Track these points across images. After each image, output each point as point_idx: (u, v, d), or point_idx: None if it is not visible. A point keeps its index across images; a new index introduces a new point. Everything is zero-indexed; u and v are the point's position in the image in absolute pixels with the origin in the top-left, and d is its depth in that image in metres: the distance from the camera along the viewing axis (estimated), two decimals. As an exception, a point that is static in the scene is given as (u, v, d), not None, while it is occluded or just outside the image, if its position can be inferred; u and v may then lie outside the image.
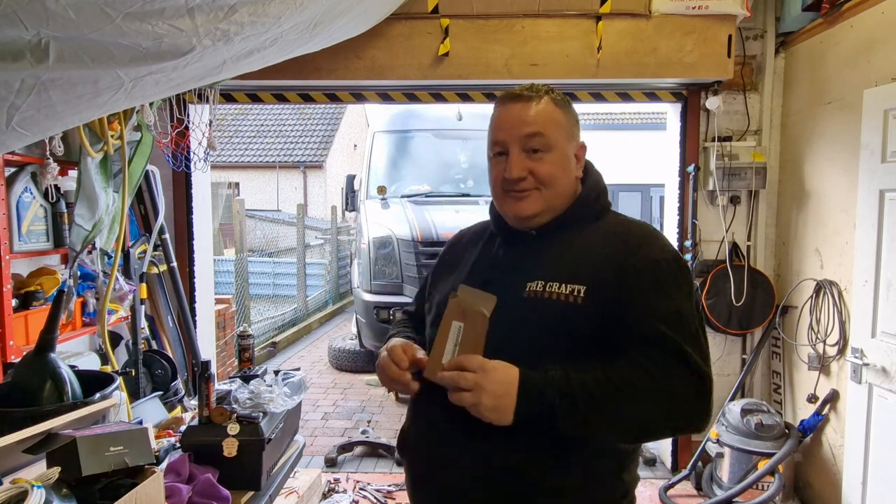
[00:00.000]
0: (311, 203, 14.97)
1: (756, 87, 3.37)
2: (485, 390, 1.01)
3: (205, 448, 1.75)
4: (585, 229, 1.20)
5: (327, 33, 2.34)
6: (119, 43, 1.26)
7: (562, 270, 1.14)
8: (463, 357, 1.05)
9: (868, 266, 2.46)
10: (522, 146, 1.16)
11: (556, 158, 1.17)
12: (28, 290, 2.26)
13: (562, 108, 1.20)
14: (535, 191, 1.17)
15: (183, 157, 3.21)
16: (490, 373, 1.03)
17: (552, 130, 1.17)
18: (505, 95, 1.22)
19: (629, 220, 1.25)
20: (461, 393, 1.02)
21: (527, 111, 1.17)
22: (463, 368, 1.03)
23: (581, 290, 1.10)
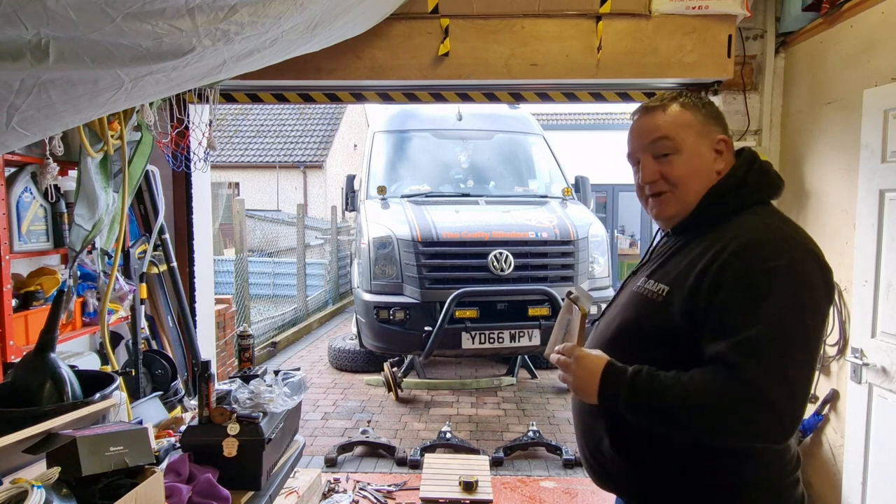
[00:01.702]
0: (311, 203, 14.98)
1: (756, 87, 3.37)
2: (574, 374, 1.20)
3: (205, 448, 1.75)
4: (711, 228, 1.20)
5: (327, 33, 2.34)
6: (119, 43, 1.26)
7: (660, 270, 1.25)
8: (565, 345, 1.25)
9: (868, 266, 2.45)
10: (652, 152, 1.25)
11: (687, 159, 1.22)
12: (28, 290, 2.26)
13: (691, 109, 1.25)
14: (669, 193, 1.24)
15: (183, 157, 3.21)
16: (580, 360, 1.20)
17: (678, 132, 1.22)
18: (637, 110, 1.31)
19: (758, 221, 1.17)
20: (559, 372, 1.25)
21: (652, 120, 1.25)
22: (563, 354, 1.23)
23: (664, 290, 1.19)
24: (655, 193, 1.26)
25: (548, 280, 4.92)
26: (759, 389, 1.00)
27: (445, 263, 4.88)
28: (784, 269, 1.06)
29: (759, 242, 1.10)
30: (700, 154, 1.23)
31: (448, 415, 4.80)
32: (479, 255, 4.85)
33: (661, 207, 1.27)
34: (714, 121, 1.26)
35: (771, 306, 1.04)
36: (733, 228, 1.16)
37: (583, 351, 1.21)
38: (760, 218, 1.18)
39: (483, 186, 5.97)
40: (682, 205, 1.24)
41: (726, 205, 1.22)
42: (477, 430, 4.48)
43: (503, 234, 4.94)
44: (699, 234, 1.22)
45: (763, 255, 1.08)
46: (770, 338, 1.02)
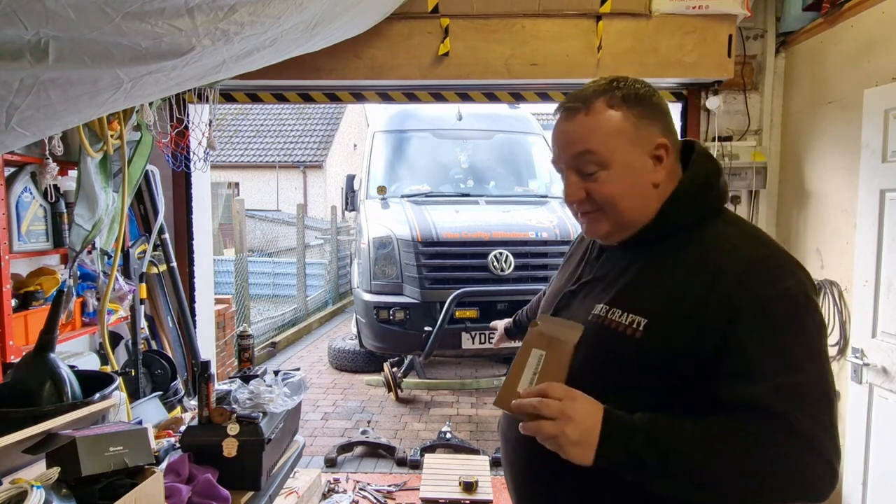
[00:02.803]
0: (311, 203, 14.98)
1: (756, 87, 3.37)
2: (571, 420, 0.87)
3: (205, 448, 1.75)
4: (678, 241, 1.02)
5: (327, 33, 2.33)
6: (119, 43, 1.26)
7: (628, 295, 1.02)
8: (546, 384, 0.92)
9: (868, 266, 2.45)
10: (576, 168, 1.03)
11: (618, 174, 1.00)
12: (28, 290, 2.26)
13: (621, 107, 1.00)
14: (599, 212, 1.04)
15: (183, 156, 3.21)
16: (579, 401, 0.89)
17: (605, 143, 1.00)
18: (557, 107, 1.07)
19: (737, 232, 1.01)
20: (541, 422, 0.88)
21: (574, 127, 1.02)
22: (544, 396, 0.90)
23: (640, 322, 0.97)
24: (583, 212, 1.07)
25: (548, 280, 4.92)
26: (811, 440, 0.86)
27: (445, 263, 4.88)
28: (795, 292, 0.93)
29: (760, 261, 0.95)
30: (633, 168, 1.01)
31: (448, 415, 4.80)
32: (479, 255, 4.85)
33: (591, 226, 1.07)
34: (651, 119, 1.02)
35: (799, 341, 0.91)
36: (716, 244, 0.98)
37: (577, 391, 0.91)
38: (737, 228, 1.02)
39: (483, 186, 5.97)
40: (616, 224, 1.04)
41: (694, 214, 1.03)
42: (477, 430, 4.48)
43: (503, 234, 4.94)
44: (665, 251, 1.02)
45: (770, 278, 0.93)
46: (808, 381, 0.89)
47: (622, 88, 1.02)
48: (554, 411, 0.88)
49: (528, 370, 1.01)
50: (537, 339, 1.04)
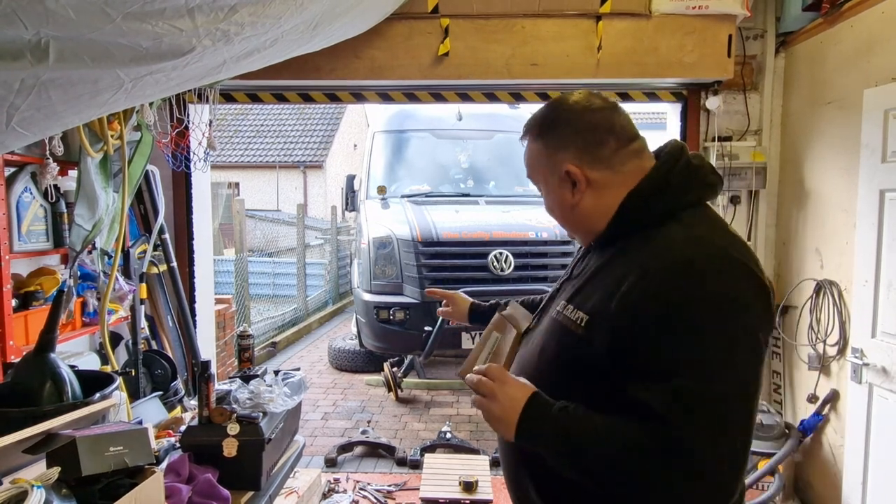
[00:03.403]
0: (311, 203, 14.98)
1: (756, 87, 3.37)
2: (496, 400, 1.03)
3: (205, 448, 1.75)
4: (630, 242, 1.05)
5: (327, 33, 2.34)
6: (119, 43, 1.26)
7: (580, 293, 1.08)
8: (489, 365, 1.09)
9: (868, 266, 2.45)
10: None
11: (547, 194, 1.16)
12: (28, 290, 2.26)
13: (536, 139, 1.13)
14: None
15: (183, 157, 3.21)
16: (506, 385, 1.03)
17: (534, 170, 1.16)
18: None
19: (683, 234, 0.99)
20: (476, 396, 1.06)
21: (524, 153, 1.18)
22: (484, 375, 1.06)
23: (583, 319, 1.02)
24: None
25: (548, 280, 4.92)
26: (689, 452, 0.86)
27: (445, 263, 4.88)
28: (716, 298, 0.90)
29: (686, 264, 0.93)
30: (554, 188, 1.12)
31: (448, 415, 4.80)
32: (479, 255, 4.85)
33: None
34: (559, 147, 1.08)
35: (705, 345, 0.89)
36: (656, 244, 0.99)
37: (510, 376, 1.05)
38: (686, 228, 1.00)
39: (483, 186, 5.97)
40: (574, 231, 1.18)
41: (647, 212, 1.04)
42: (477, 430, 4.48)
43: (503, 234, 4.94)
44: (620, 249, 1.05)
45: (691, 281, 0.91)
46: (704, 388, 0.87)
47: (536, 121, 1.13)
48: (486, 390, 1.04)
49: (486, 349, 1.22)
50: (498, 322, 1.23)
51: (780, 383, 3.38)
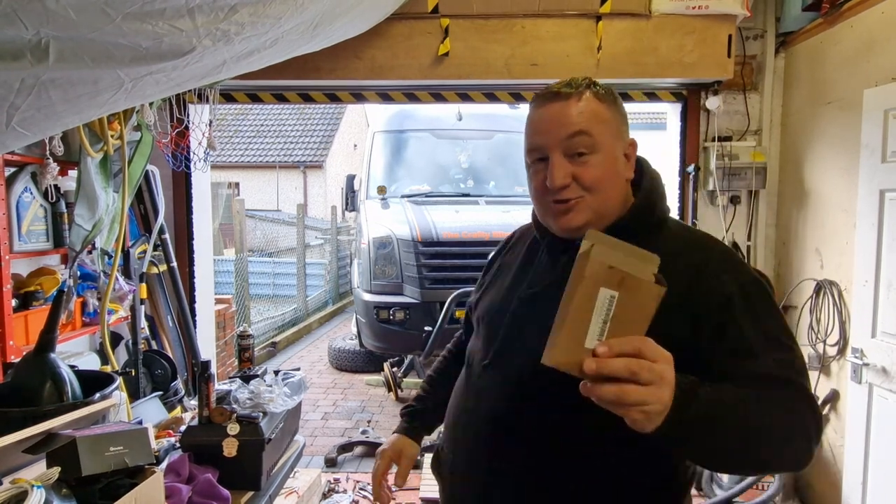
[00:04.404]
0: (311, 203, 14.98)
1: (756, 87, 3.37)
2: (669, 384, 0.75)
3: (205, 448, 1.75)
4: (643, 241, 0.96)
5: (327, 33, 2.34)
6: (119, 43, 1.26)
7: None
8: (641, 339, 0.75)
9: (868, 266, 2.45)
10: (564, 150, 1.02)
11: (604, 160, 1.02)
12: (28, 290, 2.26)
13: (607, 102, 1.05)
14: (580, 200, 1.02)
15: (183, 157, 3.21)
16: (672, 366, 0.77)
17: (597, 129, 1.02)
18: (542, 94, 1.07)
19: (697, 233, 1.08)
20: (630, 387, 0.73)
21: (567, 109, 1.02)
22: (638, 354, 0.74)
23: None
24: (563, 199, 1.03)
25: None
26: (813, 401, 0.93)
27: (445, 263, 4.89)
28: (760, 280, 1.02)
29: (731, 255, 1.04)
30: (615, 157, 1.04)
31: (448, 415, 4.80)
32: (480, 255, 4.85)
33: (571, 216, 1.03)
34: (625, 120, 1.09)
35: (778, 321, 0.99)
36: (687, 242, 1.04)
37: (664, 350, 0.77)
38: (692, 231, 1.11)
39: (483, 186, 5.97)
40: (594, 214, 1.03)
41: (658, 214, 1.08)
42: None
43: (503, 234, 4.90)
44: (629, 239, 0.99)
45: (742, 269, 1.01)
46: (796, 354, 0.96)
47: (602, 87, 1.06)
48: (654, 375, 0.74)
49: (596, 317, 0.75)
50: (604, 273, 0.75)
51: (780, 383, 3.38)
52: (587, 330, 0.76)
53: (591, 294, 0.76)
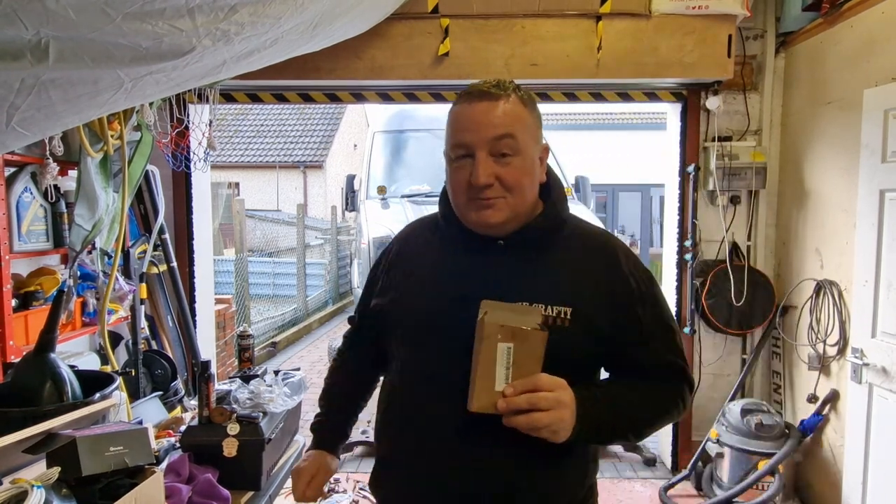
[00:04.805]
0: (311, 203, 14.97)
1: (756, 87, 3.37)
2: (567, 407, 0.98)
3: (205, 448, 1.75)
4: (554, 241, 1.14)
5: (327, 33, 2.34)
6: (119, 43, 1.26)
7: (546, 290, 1.08)
8: (536, 377, 0.97)
9: (868, 266, 2.46)
10: (490, 150, 1.06)
11: (524, 163, 1.08)
12: (28, 290, 2.26)
13: (529, 107, 1.11)
14: (501, 199, 1.07)
15: (183, 157, 3.21)
16: (566, 387, 0.99)
17: (521, 132, 1.07)
18: (469, 92, 1.10)
19: (590, 227, 1.20)
20: (534, 415, 0.96)
21: (494, 111, 1.06)
22: (535, 389, 0.96)
23: (567, 311, 1.06)
24: (485, 197, 1.07)
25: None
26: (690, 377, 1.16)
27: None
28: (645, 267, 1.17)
29: (627, 250, 1.17)
30: (533, 160, 1.10)
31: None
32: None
33: (490, 212, 1.07)
34: (541, 125, 1.15)
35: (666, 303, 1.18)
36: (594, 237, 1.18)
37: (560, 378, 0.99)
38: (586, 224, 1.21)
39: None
40: (513, 211, 1.08)
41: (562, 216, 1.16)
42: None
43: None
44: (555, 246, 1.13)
45: (638, 263, 1.16)
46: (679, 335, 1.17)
47: (525, 92, 1.12)
48: (551, 402, 0.97)
49: (499, 367, 0.97)
50: (498, 331, 0.97)
51: (780, 383, 3.39)
52: (495, 377, 0.98)
53: (492, 349, 0.97)
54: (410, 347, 1.17)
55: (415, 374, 1.16)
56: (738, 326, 3.33)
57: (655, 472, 3.59)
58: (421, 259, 1.22)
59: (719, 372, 3.48)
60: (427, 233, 1.27)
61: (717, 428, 3.18)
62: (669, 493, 3.28)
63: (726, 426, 3.14)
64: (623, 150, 12.85)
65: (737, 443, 3.05)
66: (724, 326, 3.33)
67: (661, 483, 3.37)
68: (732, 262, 3.30)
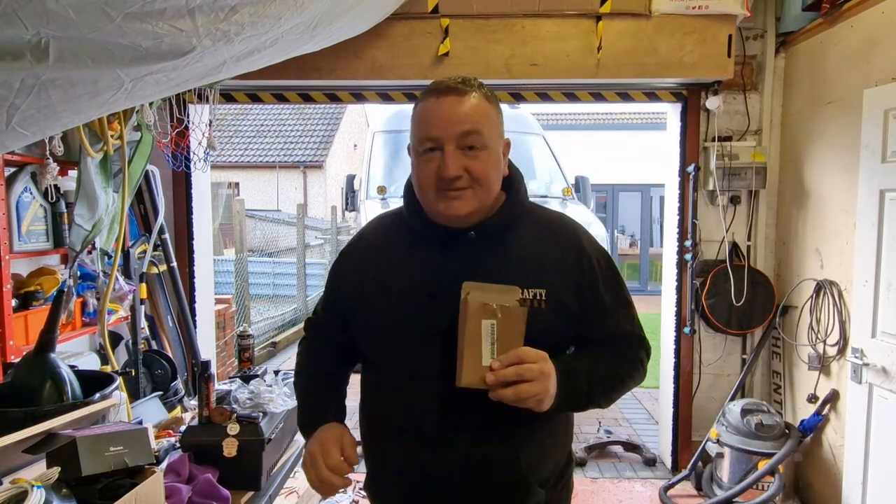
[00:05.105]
0: (311, 203, 14.97)
1: (756, 87, 3.37)
2: (550, 376, 1.04)
3: (205, 448, 1.75)
4: (521, 228, 1.20)
5: (327, 33, 2.34)
6: (119, 43, 1.26)
7: (519, 275, 1.12)
8: (520, 350, 1.02)
9: (868, 266, 2.46)
10: (458, 144, 1.10)
11: (490, 157, 1.13)
12: (28, 290, 2.26)
13: (493, 104, 1.16)
14: (469, 189, 1.12)
15: (183, 157, 3.21)
16: (548, 361, 1.05)
17: (486, 128, 1.12)
18: (436, 87, 1.14)
19: (551, 212, 1.28)
20: (521, 386, 1.00)
21: (462, 106, 1.11)
22: (520, 361, 1.01)
23: (542, 293, 1.13)
24: (454, 189, 1.11)
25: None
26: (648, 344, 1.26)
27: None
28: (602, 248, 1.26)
29: (586, 232, 1.25)
30: (498, 155, 1.17)
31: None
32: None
33: (458, 203, 1.11)
34: (503, 121, 1.20)
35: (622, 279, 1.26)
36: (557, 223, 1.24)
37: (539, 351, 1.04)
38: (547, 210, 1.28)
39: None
40: (480, 203, 1.13)
41: (524, 205, 1.23)
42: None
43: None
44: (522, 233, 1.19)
45: (595, 244, 1.24)
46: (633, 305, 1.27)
47: (487, 89, 1.17)
48: (536, 373, 1.02)
49: (485, 343, 1.02)
50: (482, 309, 1.02)
51: (780, 383, 3.39)
52: (481, 353, 1.02)
53: (476, 326, 1.02)
54: (391, 346, 1.19)
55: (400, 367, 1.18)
56: (738, 326, 3.33)
57: (655, 472, 3.59)
58: (392, 256, 1.23)
59: (719, 372, 3.48)
60: (391, 229, 1.28)
61: (717, 428, 3.18)
62: (669, 493, 3.28)
63: (726, 426, 3.14)
64: (623, 150, 12.85)
65: (737, 443, 3.05)
66: (724, 326, 3.34)
67: (661, 483, 3.37)
68: (732, 262, 3.31)
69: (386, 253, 1.24)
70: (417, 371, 1.15)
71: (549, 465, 1.21)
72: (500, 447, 1.14)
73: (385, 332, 1.19)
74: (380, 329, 1.20)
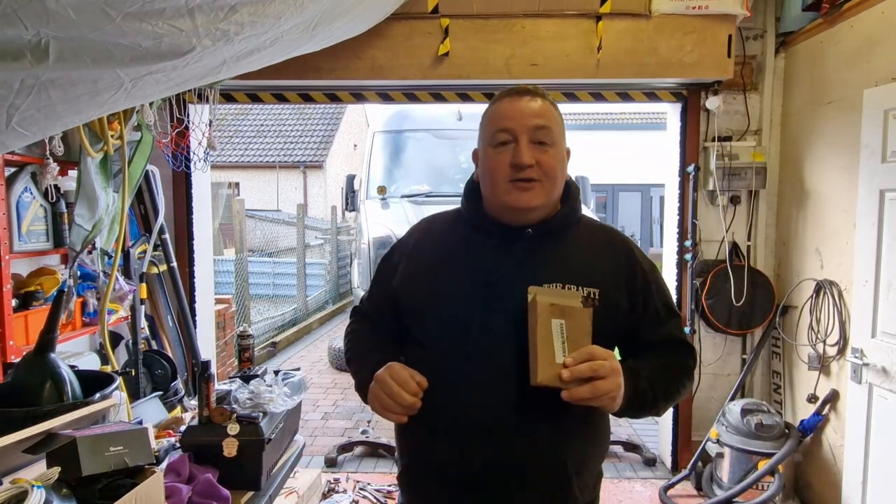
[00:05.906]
0: (311, 203, 14.97)
1: (756, 87, 3.37)
2: (620, 374, 1.06)
3: (205, 448, 1.75)
4: (574, 232, 1.26)
5: (327, 33, 2.34)
6: (119, 43, 1.26)
7: (573, 273, 1.18)
8: (591, 347, 1.05)
9: (868, 266, 2.46)
10: (531, 137, 1.17)
11: (557, 154, 1.20)
12: (28, 290, 2.26)
13: (558, 111, 1.25)
14: (538, 182, 1.17)
15: (183, 157, 3.21)
16: (616, 359, 1.07)
17: (556, 127, 1.20)
18: (510, 90, 1.23)
19: (600, 223, 1.35)
20: (596, 383, 1.02)
21: (536, 105, 1.20)
22: (592, 358, 1.04)
23: (596, 292, 1.17)
24: (526, 179, 1.16)
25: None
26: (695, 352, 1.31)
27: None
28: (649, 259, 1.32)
29: (634, 244, 1.31)
30: (563, 154, 1.24)
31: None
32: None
33: (529, 195, 1.16)
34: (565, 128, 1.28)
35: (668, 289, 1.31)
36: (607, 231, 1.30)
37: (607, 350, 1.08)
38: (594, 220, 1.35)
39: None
40: (547, 198, 1.19)
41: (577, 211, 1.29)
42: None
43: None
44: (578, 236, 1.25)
45: (643, 254, 1.29)
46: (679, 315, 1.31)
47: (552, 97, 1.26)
48: (608, 370, 1.03)
49: (556, 341, 1.05)
50: (551, 310, 1.06)
51: (780, 383, 3.39)
52: (553, 351, 1.05)
53: (546, 326, 1.06)
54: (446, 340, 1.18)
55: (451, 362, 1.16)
56: (738, 326, 3.33)
57: (655, 472, 3.59)
58: (445, 247, 1.27)
59: (719, 372, 3.48)
60: (446, 225, 1.33)
61: (717, 428, 3.18)
62: (669, 493, 3.28)
63: (726, 426, 3.14)
64: (623, 150, 12.85)
65: (737, 443, 3.05)
66: (724, 326, 3.34)
67: (661, 483, 3.37)
68: (732, 262, 3.31)
69: (441, 246, 1.28)
70: (470, 366, 1.14)
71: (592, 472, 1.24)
72: (547, 451, 1.15)
73: (440, 326, 1.20)
74: (435, 321, 1.21)
